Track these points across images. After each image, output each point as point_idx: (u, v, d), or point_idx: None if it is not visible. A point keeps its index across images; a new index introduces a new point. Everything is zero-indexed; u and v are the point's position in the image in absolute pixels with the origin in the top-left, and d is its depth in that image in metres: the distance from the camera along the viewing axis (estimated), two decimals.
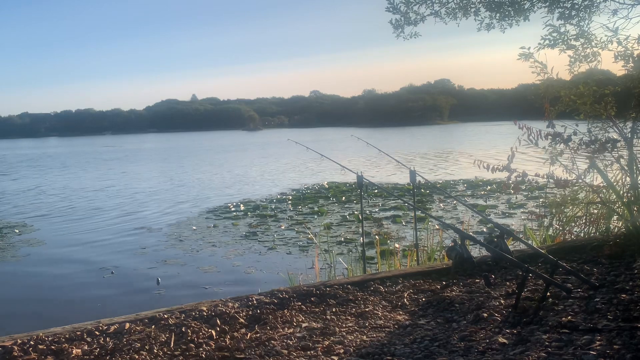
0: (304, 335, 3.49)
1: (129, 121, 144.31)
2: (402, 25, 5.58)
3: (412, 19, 5.56)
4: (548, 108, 5.30)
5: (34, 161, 44.78)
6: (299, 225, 12.75)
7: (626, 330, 3.13)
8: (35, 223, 14.62)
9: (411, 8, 5.49)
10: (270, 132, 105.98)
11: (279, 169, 29.20)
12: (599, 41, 5.16)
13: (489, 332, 3.32)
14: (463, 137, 59.43)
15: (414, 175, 6.38)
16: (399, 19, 5.56)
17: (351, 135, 8.93)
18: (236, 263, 9.67)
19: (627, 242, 4.84)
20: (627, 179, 5.27)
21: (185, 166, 34.11)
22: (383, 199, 16.13)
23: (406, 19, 5.56)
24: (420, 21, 5.59)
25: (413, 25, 5.61)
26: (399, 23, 5.57)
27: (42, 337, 3.54)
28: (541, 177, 5.36)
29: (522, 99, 22.28)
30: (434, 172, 23.50)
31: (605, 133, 5.27)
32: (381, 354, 3.13)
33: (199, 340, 3.46)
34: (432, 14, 5.59)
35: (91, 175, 29.97)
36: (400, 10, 5.50)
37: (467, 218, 11.71)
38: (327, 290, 4.30)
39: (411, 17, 5.55)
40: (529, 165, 7.09)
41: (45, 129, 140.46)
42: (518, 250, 5.26)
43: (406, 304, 4.02)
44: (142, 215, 15.46)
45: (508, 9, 5.50)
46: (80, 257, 10.73)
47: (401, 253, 8.44)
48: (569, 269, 4.08)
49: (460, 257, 4.17)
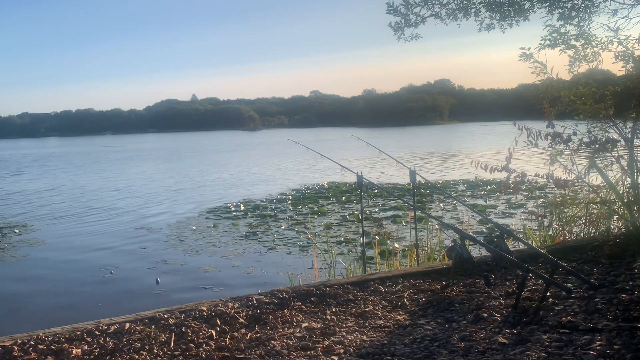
0: (304, 335, 3.49)
1: (129, 121, 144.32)
2: (402, 27, 5.59)
3: (413, 20, 5.56)
4: (548, 108, 5.30)
5: (36, 161, 44.76)
6: (299, 225, 12.75)
7: (626, 330, 3.13)
8: (35, 223, 14.62)
9: (411, 10, 5.49)
10: (270, 132, 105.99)
11: (279, 169, 29.20)
12: (599, 41, 5.16)
13: (489, 332, 3.32)
14: (463, 137, 59.42)
15: (414, 175, 6.39)
16: (399, 22, 5.56)
17: (351, 135, 8.93)
18: (236, 263, 9.67)
19: (627, 242, 4.84)
20: (627, 179, 5.27)
21: (186, 166, 34.10)
22: (383, 199, 16.13)
23: (406, 21, 5.56)
24: (420, 23, 5.59)
25: (414, 27, 5.61)
26: (399, 25, 5.57)
27: (42, 337, 3.54)
28: (541, 177, 5.36)
29: (522, 99, 22.26)
30: (434, 172, 23.51)
31: (605, 133, 5.27)
32: (381, 354, 3.13)
33: (199, 340, 3.46)
34: (432, 15, 5.59)
35: (91, 175, 29.96)
36: (400, 12, 5.50)
37: (467, 218, 11.71)
38: (327, 290, 4.30)
39: (411, 19, 5.55)
40: (530, 166, 7.09)
41: (45, 129, 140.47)
42: (518, 250, 5.26)
43: (406, 304, 4.02)
44: (142, 215, 15.46)
45: (508, 9, 5.50)
46: (80, 257, 10.72)
47: (401, 253, 8.43)
48: (569, 269, 4.08)
49: (460, 257, 4.18)
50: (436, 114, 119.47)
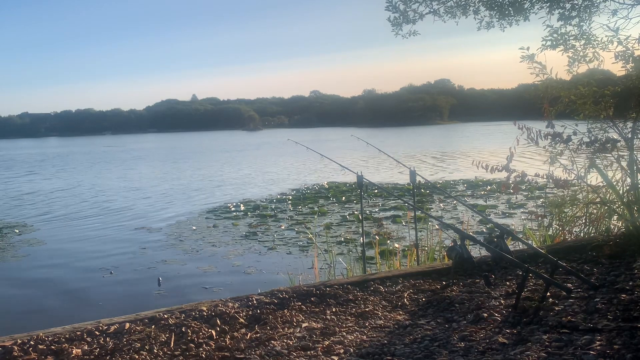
0: (304, 335, 3.49)
1: (129, 121, 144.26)
2: (400, 23, 5.59)
3: (411, 17, 5.57)
4: (547, 108, 5.30)
5: (38, 162, 44.76)
6: (299, 225, 12.76)
7: (626, 330, 3.13)
8: (35, 223, 14.62)
9: (410, 6, 5.50)
10: (270, 132, 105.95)
11: (279, 168, 29.19)
12: (599, 41, 5.16)
13: (489, 332, 3.32)
14: (463, 137, 59.42)
15: (414, 175, 6.38)
16: (398, 17, 5.57)
17: (351, 135, 8.93)
18: (236, 263, 9.68)
19: (627, 242, 4.84)
20: (627, 179, 5.27)
21: (186, 166, 34.10)
22: (383, 199, 16.14)
23: (405, 17, 5.57)
24: (419, 19, 5.59)
25: (412, 23, 5.62)
26: (397, 21, 5.58)
27: (42, 337, 3.54)
28: (541, 177, 5.36)
29: (522, 99, 22.25)
30: (433, 172, 23.51)
31: (605, 133, 5.27)
32: (381, 354, 3.13)
33: (199, 340, 3.46)
34: (430, 12, 5.59)
35: (91, 175, 29.96)
36: (398, 8, 5.51)
37: (467, 218, 11.70)
38: (327, 290, 4.30)
39: (410, 15, 5.56)
40: (530, 166, 7.08)
41: (45, 129, 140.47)
42: (518, 250, 5.26)
43: (406, 304, 4.01)
44: (142, 215, 15.46)
45: (508, 8, 5.50)
46: (80, 257, 10.73)
47: (401, 253, 8.43)
48: (569, 269, 4.08)
49: (460, 257, 4.18)
50: (436, 114, 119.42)
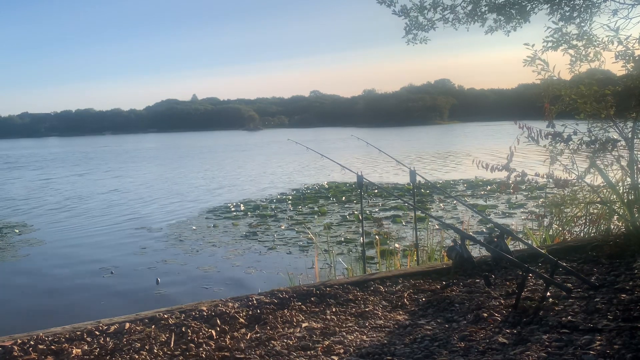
0: (304, 335, 3.49)
1: (129, 121, 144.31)
2: (411, 30, 5.65)
3: (424, 25, 5.62)
4: (548, 107, 5.30)
5: (39, 162, 44.76)
6: (299, 225, 12.75)
7: (626, 330, 3.13)
8: (35, 223, 14.62)
9: (424, 14, 5.54)
10: (270, 132, 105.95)
11: (279, 168, 29.18)
12: (600, 41, 5.16)
13: (489, 332, 3.32)
14: (463, 137, 59.41)
15: (414, 175, 6.38)
16: (407, 24, 5.61)
17: (351, 135, 8.94)
18: (236, 263, 9.67)
19: (627, 242, 4.84)
20: (627, 179, 5.26)
21: (186, 167, 34.09)
22: (383, 199, 16.13)
23: (416, 24, 5.61)
24: (431, 28, 5.65)
25: (425, 32, 5.67)
26: (410, 29, 5.63)
27: (42, 337, 3.54)
28: (541, 177, 5.35)
29: (522, 99, 22.25)
30: (433, 172, 23.50)
31: (605, 133, 5.27)
32: (381, 354, 3.12)
33: (199, 340, 3.46)
34: (441, 19, 5.64)
35: (91, 175, 29.96)
36: (409, 15, 5.54)
37: (467, 218, 11.70)
38: (327, 290, 4.30)
39: (421, 22, 5.61)
40: (530, 166, 7.08)
41: (45, 129, 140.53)
42: (518, 250, 5.25)
43: (406, 304, 4.01)
44: (142, 215, 15.46)
45: (510, 10, 5.52)
46: (80, 257, 10.72)
47: (401, 253, 8.43)
48: (569, 269, 4.08)
49: (460, 257, 4.18)
50: (436, 114, 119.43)
